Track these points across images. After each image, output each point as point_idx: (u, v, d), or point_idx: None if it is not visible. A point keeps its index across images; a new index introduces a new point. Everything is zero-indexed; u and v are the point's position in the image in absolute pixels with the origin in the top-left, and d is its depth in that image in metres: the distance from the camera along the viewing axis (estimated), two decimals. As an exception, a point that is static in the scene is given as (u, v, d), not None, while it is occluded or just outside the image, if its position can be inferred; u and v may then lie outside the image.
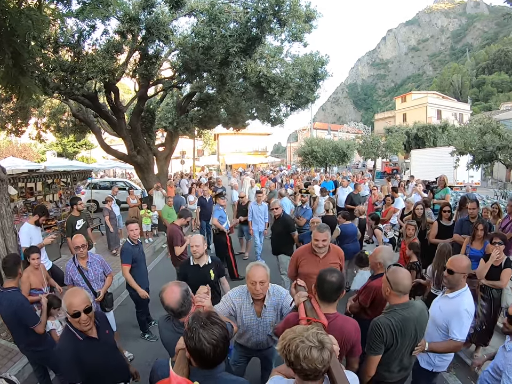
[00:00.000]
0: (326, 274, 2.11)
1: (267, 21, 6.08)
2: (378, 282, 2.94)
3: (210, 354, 1.44)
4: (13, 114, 10.36)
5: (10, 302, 2.90)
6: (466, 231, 4.74)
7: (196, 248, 3.40)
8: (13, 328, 3.03)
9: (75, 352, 2.10)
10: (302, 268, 3.42)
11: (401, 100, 47.13)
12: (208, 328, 1.47)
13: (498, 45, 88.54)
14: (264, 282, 2.47)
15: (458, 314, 2.43)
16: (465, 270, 2.57)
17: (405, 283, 2.20)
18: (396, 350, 2.20)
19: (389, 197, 7.48)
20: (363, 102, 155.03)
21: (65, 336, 2.23)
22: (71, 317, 2.13)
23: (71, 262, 3.74)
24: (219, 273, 3.57)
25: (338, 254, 3.48)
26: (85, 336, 2.18)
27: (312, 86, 8.75)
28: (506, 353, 2.21)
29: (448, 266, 2.62)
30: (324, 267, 3.26)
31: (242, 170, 31.91)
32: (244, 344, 2.78)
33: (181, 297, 2.14)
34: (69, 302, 2.12)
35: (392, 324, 2.15)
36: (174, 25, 7.19)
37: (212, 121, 12.07)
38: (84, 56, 6.47)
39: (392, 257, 3.16)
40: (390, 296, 2.28)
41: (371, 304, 3.02)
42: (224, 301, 2.63)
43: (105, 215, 8.09)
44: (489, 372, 2.30)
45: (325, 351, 1.30)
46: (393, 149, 22.73)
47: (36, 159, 24.25)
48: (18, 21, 3.61)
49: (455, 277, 2.56)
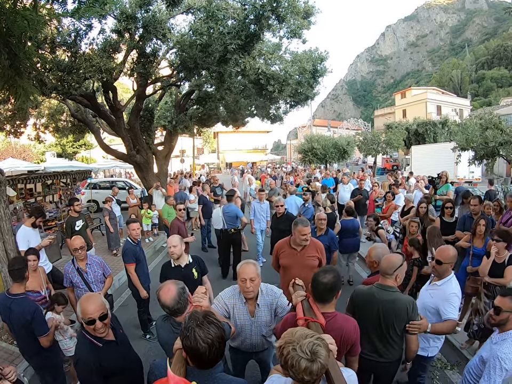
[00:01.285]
0: (319, 275, 2.09)
1: (265, 18, 6.02)
2: (374, 279, 2.96)
3: (206, 354, 1.44)
4: (12, 115, 10.29)
5: (23, 310, 2.77)
6: (469, 228, 4.71)
7: (173, 249, 3.31)
8: (22, 336, 2.90)
9: (96, 360, 2.01)
10: (281, 260, 3.59)
11: (400, 95, 47.02)
12: (204, 328, 1.47)
13: (497, 40, 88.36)
14: (254, 279, 2.44)
15: (449, 299, 2.62)
16: (452, 260, 2.76)
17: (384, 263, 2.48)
18: (358, 320, 2.25)
19: (390, 194, 7.44)
20: (362, 98, 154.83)
21: (83, 344, 2.11)
22: (85, 324, 2.03)
23: (70, 264, 3.72)
24: (202, 271, 3.49)
25: (316, 247, 3.57)
26: (104, 342, 2.09)
27: (312, 82, 8.69)
28: (492, 345, 2.23)
29: (437, 257, 2.80)
30: (301, 259, 3.47)
31: (242, 168, 31.87)
32: (238, 347, 2.71)
33: (176, 294, 2.13)
34: (83, 308, 2.02)
35: (357, 294, 2.53)
36: (172, 23, 7.17)
37: (211, 119, 12.02)
38: (81, 55, 6.40)
39: (387, 254, 3.11)
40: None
41: None
42: (217, 303, 2.58)
43: (105, 215, 8.06)
44: (476, 361, 2.32)
45: (315, 364, 1.25)
46: (394, 145, 22.67)
47: (35, 160, 24.25)
48: (14, 22, 3.55)
49: (443, 267, 2.74)
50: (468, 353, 3.83)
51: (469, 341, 3.93)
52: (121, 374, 2.13)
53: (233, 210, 6.43)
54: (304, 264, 3.42)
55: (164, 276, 3.36)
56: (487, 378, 2.07)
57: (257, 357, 2.81)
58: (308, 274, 3.42)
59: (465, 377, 2.38)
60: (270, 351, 2.83)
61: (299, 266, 3.41)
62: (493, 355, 2.14)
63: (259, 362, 2.91)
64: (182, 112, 10.46)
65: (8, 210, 4.52)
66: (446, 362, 3.80)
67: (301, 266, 3.40)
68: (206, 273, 3.60)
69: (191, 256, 3.51)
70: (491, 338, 2.32)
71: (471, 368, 2.35)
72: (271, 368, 2.87)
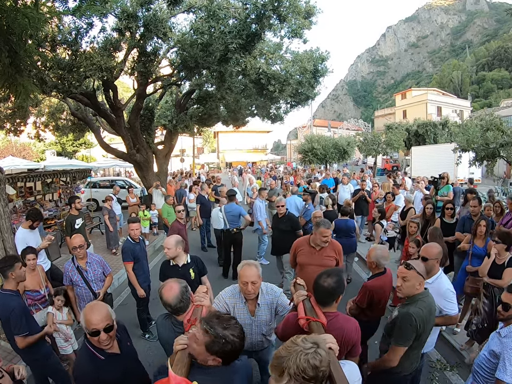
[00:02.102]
0: (320, 278, 2.09)
1: (266, 17, 6.00)
2: (373, 282, 3.00)
3: (241, 346, 1.57)
4: (12, 113, 10.28)
5: (3, 306, 2.82)
6: (468, 229, 4.71)
7: (167, 250, 3.31)
8: (7, 331, 2.94)
9: (95, 374, 1.90)
10: (299, 257, 3.67)
11: (401, 96, 47.05)
12: (228, 326, 1.54)
13: (498, 42, 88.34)
14: (256, 282, 2.44)
15: (444, 295, 2.71)
16: (438, 256, 2.86)
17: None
18: (420, 339, 2.26)
19: (390, 194, 7.42)
20: (363, 99, 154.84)
21: (84, 356, 1.99)
22: (89, 335, 1.90)
23: (70, 262, 3.70)
24: (200, 272, 3.46)
25: (334, 248, 3.69)
26: (106, 355, 1.96)
27: (313, 82, 8.68)
28: (502, 339, 2.27)
29: (422, 254, 2.89)
30: (319, 258, 3.55)
31: (240, 168, 31.81)
32: None
33: (179, 293, 2.12)
34: (87, 319, 1.88)
35: (423, 312, 2.22)
36: (173, 22, 7.12)
37: (212, 119, 12.01)
38: (82, 54, 6.38)
39: (387, 256, 3.12)
40: (412, 287, 2.30)
41: (369, 305, 3.01)
42: (217, 302, 2.59)
43: (105, 214, 8.05)
44: (486, 356, 2.35)
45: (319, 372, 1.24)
46: (394, 146, 22.68)
47: (35, 158, 24.19)
48: (15, 19, 3.54)
49: (429, 263, 2.82)
50: (467, 355, 3.83)
51: (469, 342, 3.93)
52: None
53: (236, 209, 6.42)
54: (321, 264, 3.48)
55: (163, 273, 3.37)
56: (503, 370, 2.13)
57: (256, 356, 2.80)
58: None
59: (478, 372, 2.39)
60: (269, 349, 2.81)
61: (316, 265, 3.48)
62: (505, 347, 2.20)
63: (258, 361, 2.89)
64: (183, 112, 10.45)
65: (8, 208, 4.52)
66: (446, 363, 3.80)
67: (318, 265, 3.45)
68: (205, 274, 3.56)
69: (190, 257, 3.49)
70: (498, 332, 2.36)
71: (482, 363, 2.37)
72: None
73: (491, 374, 2.27)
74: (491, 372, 2.27)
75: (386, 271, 3.11)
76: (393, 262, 7.00)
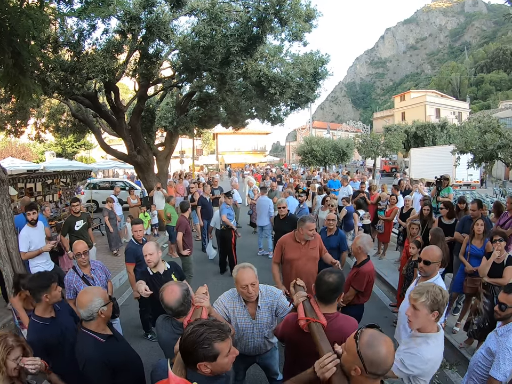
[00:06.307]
0: (324, 275, 2.11)
1: (268, 20, 6.06)
2: (367, 267, 3.39)
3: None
4: (12, 114, 10.32)
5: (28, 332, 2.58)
6: (467, 230, 4.75)
7: (149, 257, 3.20)
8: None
9: (105, 357, 2.04)
10: (287, 254, 3.80)
11: (399, 98, 47.15)
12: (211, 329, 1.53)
13: (496, 44, 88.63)
14: (254, 283, 2.42)
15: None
16: (439, 259, 2.90)
17: (387, 363, 1.34)
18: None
19: (394, 197, 7.39)
20: (362, 100, 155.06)
21: (86, 344, 2.09)
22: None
23: (73, 273, 3.40)
24: (180, 277, 3.40)
25: (316, 237, 3.91)
26: (106, 336, 2.14)
27: (313, 85, 8.73)
28: (499, 338, 2.33)
29: (424, 258, 2.90)
30: (306, 251, 3.74)
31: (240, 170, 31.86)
32: (241, 351, 2.60)
33: (181, 296, 2.12)
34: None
35: None
36: (175, 24, 7.18)
37: (212, 121, 12.07)
38: (84, 55, 6.43)
39: (371, 243, 3.59)
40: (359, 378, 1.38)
41: (364, 289, 3.34)
42: (216, 307, 2.53)
43: (105, 215, 8.07)
44: (482, 354, 2.40)
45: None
46: (393, 148, 22.74)
47: (34, 159, 24.19)
48: (19, 20, 3.57)
49: (431, 267, 2.87)
50: (466, 353, 3.87)
51: (468, 341, 3.97)
52: (126, 370, 2.15)
53: (223, 209, 6.72)
54: (309, 256, 3.75)
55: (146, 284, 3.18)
56: (497, 368, 2.18)
57: (260, 361, 2.75)
58: (312, 266, 3.74)
59: (473, 371, 2.43)
60: (273, 353, 2.78)
61: (305, 258, 3.73)
62: (501, 346, 2.25)
63: (265, 369, 2.85)
64: (183, 113, 10.50)
65: (11, 209, 4.54)
66: (445, 362, 3.82)
67: (307, 258, 3.73)
68: (184, 279, 3.47)
69: (168, 263, 3.44)
70: (496, 331, 2.42)
71: (478, 361, 2.41)
72: (278, 373, 2.81)
73: (486, 372, 2.31)
74: (486, 369, 2.31)
75: (369, 258, 3.50)
76: (393, 262, 7.06)
